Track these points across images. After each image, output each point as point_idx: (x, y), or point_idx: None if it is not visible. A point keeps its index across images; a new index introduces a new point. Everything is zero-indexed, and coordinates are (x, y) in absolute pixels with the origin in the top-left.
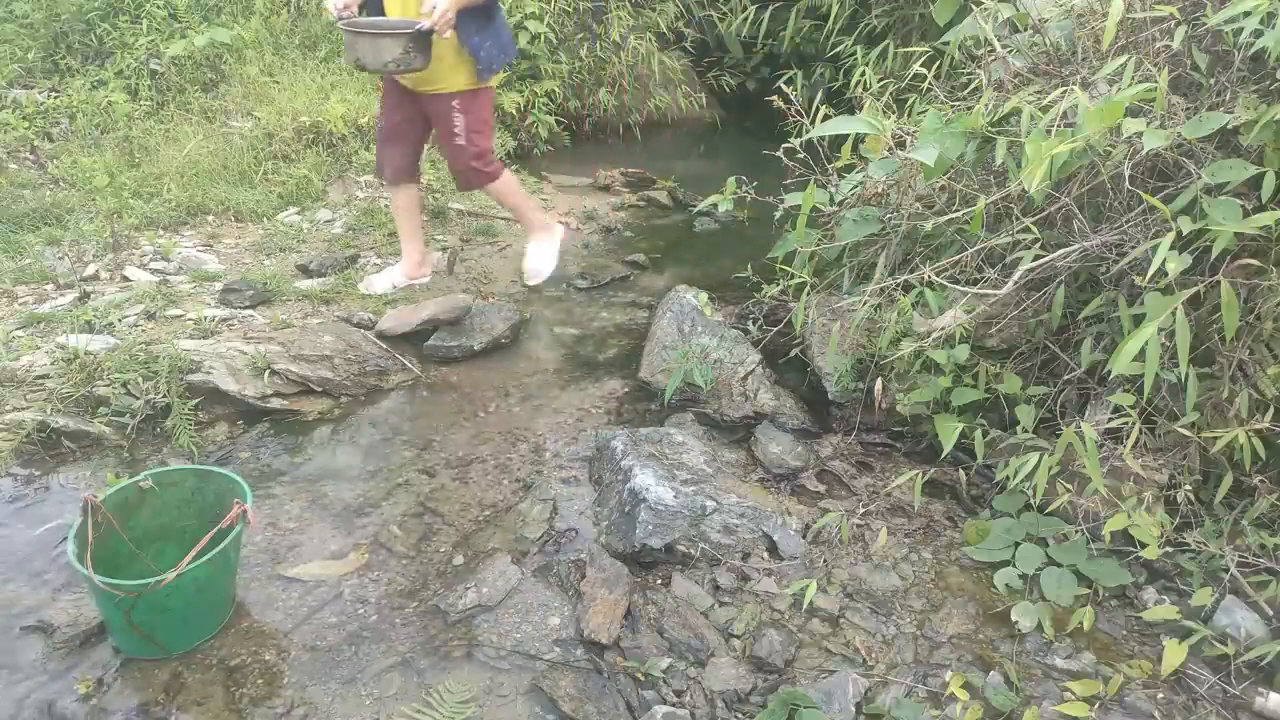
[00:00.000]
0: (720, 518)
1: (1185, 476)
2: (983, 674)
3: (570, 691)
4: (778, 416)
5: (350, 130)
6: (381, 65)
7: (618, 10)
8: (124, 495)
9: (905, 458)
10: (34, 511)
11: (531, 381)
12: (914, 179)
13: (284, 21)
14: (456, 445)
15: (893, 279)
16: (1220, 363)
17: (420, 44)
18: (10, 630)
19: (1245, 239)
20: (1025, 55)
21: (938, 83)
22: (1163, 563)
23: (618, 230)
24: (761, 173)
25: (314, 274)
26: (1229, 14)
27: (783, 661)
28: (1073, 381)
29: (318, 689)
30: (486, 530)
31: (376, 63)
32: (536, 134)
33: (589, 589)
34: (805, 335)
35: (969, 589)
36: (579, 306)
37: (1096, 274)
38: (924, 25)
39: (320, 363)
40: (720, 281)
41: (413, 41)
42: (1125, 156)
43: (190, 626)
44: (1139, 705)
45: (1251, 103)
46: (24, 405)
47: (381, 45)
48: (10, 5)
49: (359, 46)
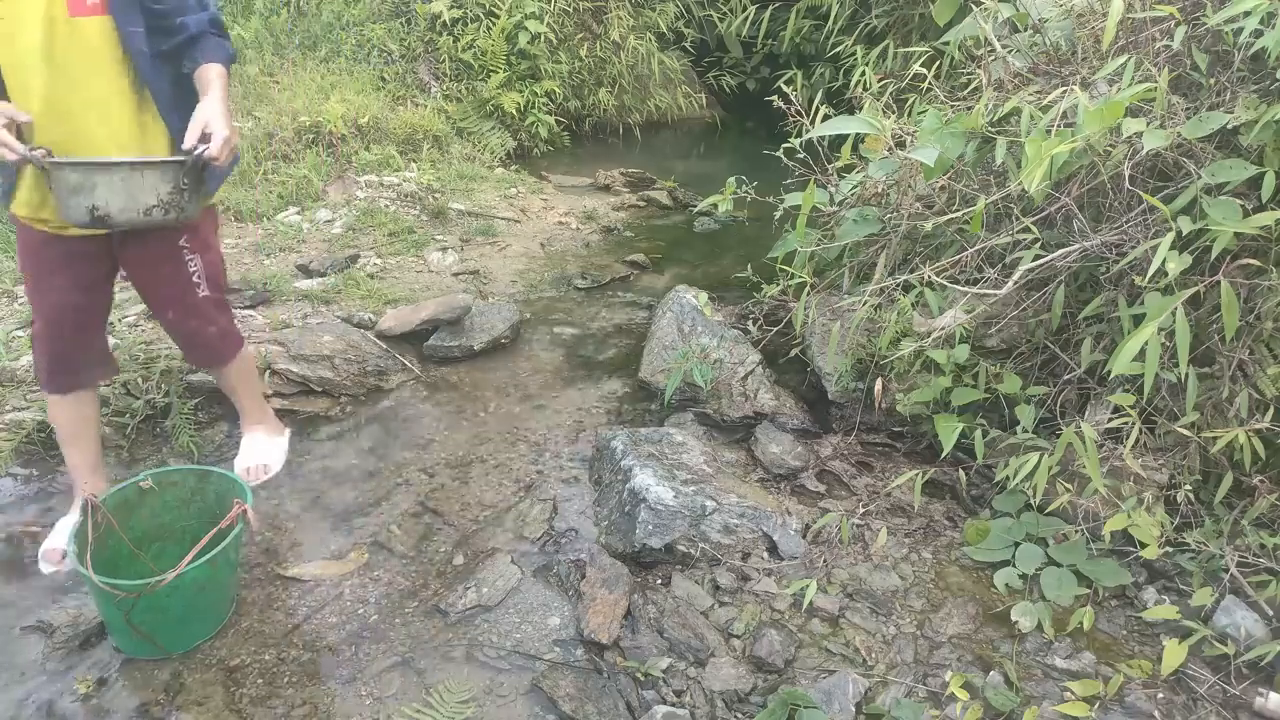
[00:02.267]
0: (720, 518)
1: (1185, 476)
2: (983, 674)
3: (570, 691)
4: (778, 416)
5: (350, 130)
6: (139, 213)
7: (618, 10)
8: (124, 495)
9: (905, 458)
10: (33, 511)
11: (531, 381)
12: (914, 179)
13: (284, 21)
14: (456, 445)
15: (893, 279)
16: (1220, 363)
17: (196, 181)
18: (10, 630)
19: (1245, 239)
20: (1025, 55)
21: (938, 83)
22: (1163, 563)
23: (618, 230)
24: (761, 173)
25: (314, 274)
26: (1229, 14)
27: (783, 661)
28: (1073, 381)
29: (318, 689)
30: (486, 530)
31: (130, 210)
32: (536, 134)
33: (589, 589)
34: (805, 335)
35: (969, 589)
36: (579, 306)
37: (1096, 274)
38: (924, 25)
39: (320, 363)
40: (720, 281)
41: (188, 177)
42: (1125, 156)
43: (190, 627)
44: (1139, 705)
45: (1251, 103)
46: (24, 405)
47: (143, 183)
48: None
49: (98, 189)
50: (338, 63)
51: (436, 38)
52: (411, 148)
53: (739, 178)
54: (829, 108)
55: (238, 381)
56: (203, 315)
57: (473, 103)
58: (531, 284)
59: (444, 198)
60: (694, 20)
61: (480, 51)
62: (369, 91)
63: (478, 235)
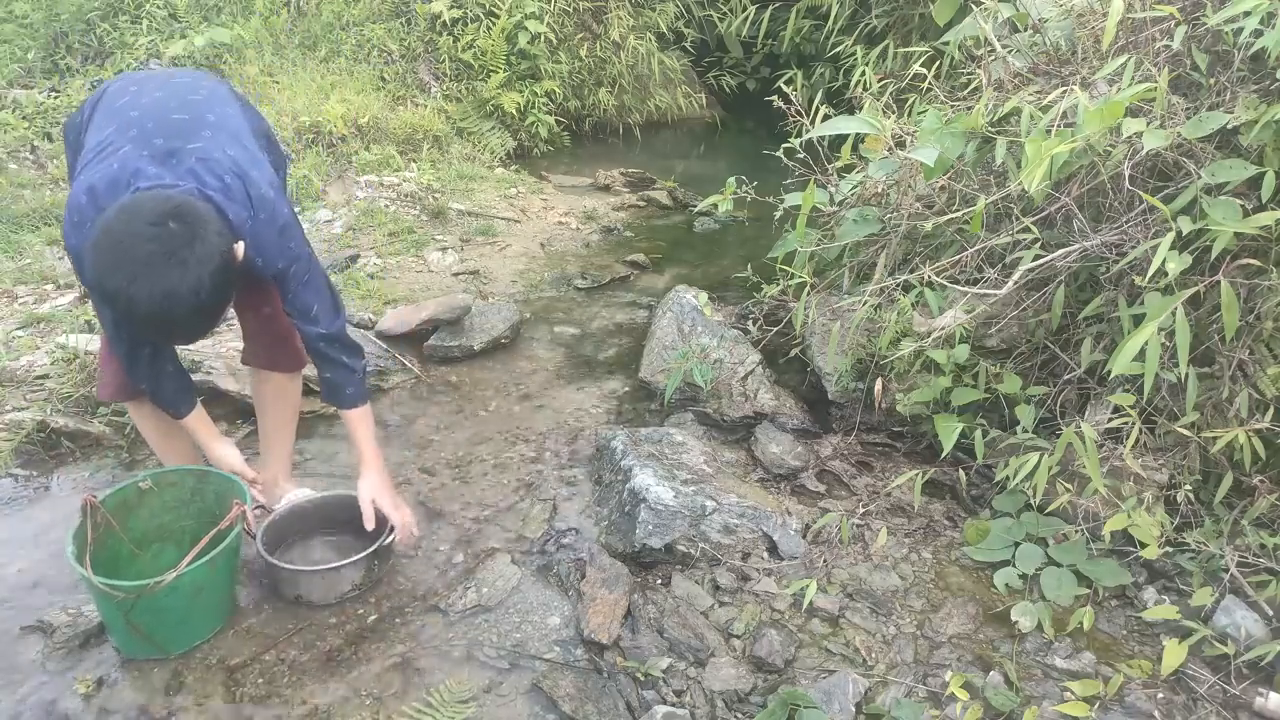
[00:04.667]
0: (720, 518)
1: (1185, 476)
2: (983, 674)
3: (570, 691)
4: (778, 416)
5: (350, 130)
6: (335, 598)
7: (618, 10)
8: (123, 496)
9: (905, 458)
10: (34, 511)
11: (531, 381)
12: (914, 179)
13: (284, 21)
14: (456, 445)
15: (892, 279)
16: (1220, 363)
17: (384, 560)
18: (10, 630)
19: (1245, 239)
20: (1025, 55)
21: (938, 83)
22: (1163, 563)
23: (618, 230)
24: (761, 173)
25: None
26: (1229, 14)
27: (783, 661)
28: (1073, 381)
29: (318, 689)
30: (486, 530)
31: (329, 597)
32: (536, 134)
33: (589, 589)
34: (805, 335)
35: (969, 589)
36: (579, 306)
37: (1096, 274)
38: (924, 25)
39: None
40: (720, 281)
41: (379, 559)
42: (1125, 156)
43: (189, 627)
44: (1139, 705)
45: (1251, 103)
46: (24, 405)
47: (340, 578)
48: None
49: (301, 584)
50: (338, 63)
51: (436, 38)
52: (411, 148)
53: (739, 178)
54: (829, 108)
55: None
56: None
57: (473, 103)
58: (531, 284)
59: (444, 198)
60: (694, 20)
61: (480, 51)
62: (369, 91)
63: (478, 235)
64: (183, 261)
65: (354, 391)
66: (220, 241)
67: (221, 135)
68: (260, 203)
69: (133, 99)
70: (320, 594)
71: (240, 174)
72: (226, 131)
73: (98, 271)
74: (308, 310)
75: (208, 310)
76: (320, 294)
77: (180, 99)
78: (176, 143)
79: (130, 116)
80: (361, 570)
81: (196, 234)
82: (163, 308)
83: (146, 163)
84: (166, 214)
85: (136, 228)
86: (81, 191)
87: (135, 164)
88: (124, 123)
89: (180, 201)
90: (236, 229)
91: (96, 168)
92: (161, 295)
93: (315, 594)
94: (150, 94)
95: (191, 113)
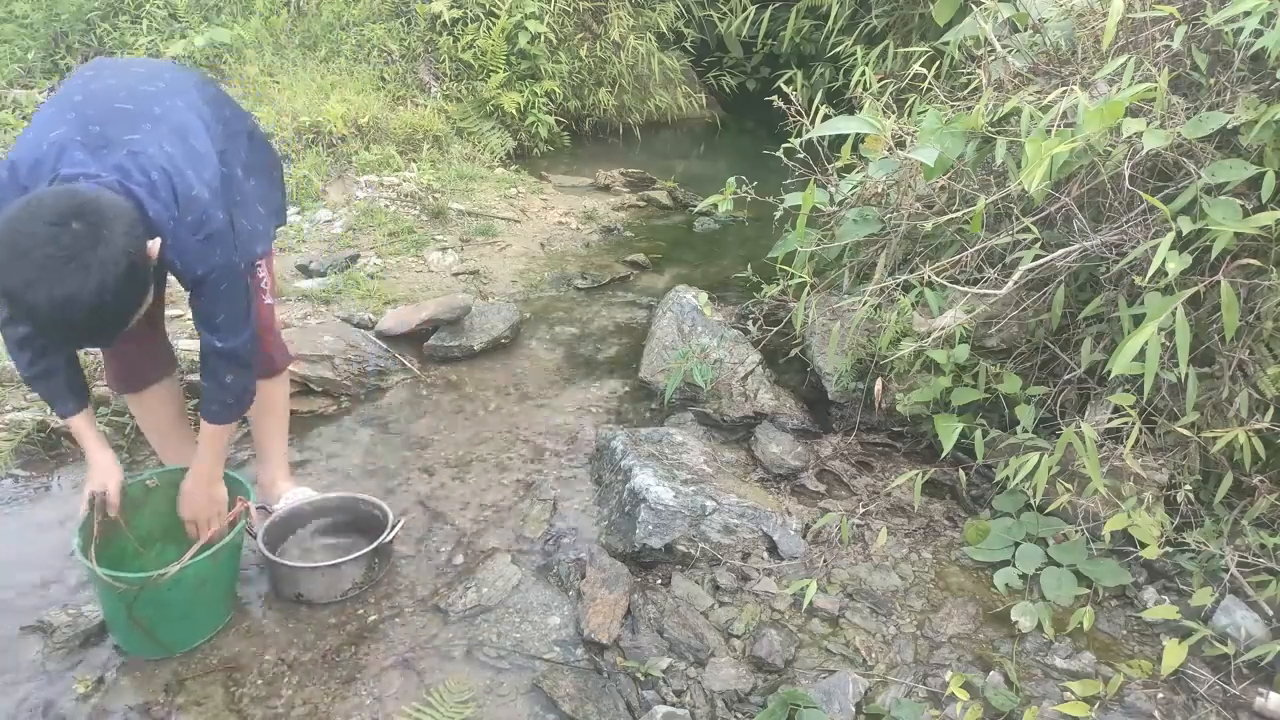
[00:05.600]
0: (720, 518)
1: (1185, 476)
2: (983, 674)
3: (570, 691)
4: (778, 416)
5: (350, 130)
6: (337, 596)
7: (618, 10)
8: (130, 493)
9: (905, 458)
10: (34, 511)
11: (531, 381)
12: (914, 179)
13: (284, 21)
14: (456, 444)
15: (893, 279)
16: (1220, 363)
17: (385, 558)
18: (10, 630)
19: (1245, 239)
20: (1025, 55)
21: (938, 83)
22: (1163, 563)
23: (618, 230)
24: (761, 173)
25: (314, 274)
26: (1229, 14)
27: (783, 661)
28: (1073, 381)
29: (318, 689)
30: (486, 530)
31: (330, 595)
32: (536, 134)
33: (589, 589)
34: (805, 335)
35: (969, 589)
36: (579, 306)
37: (1096, 274)
38: (924, 25)
39: (320, 362)
40: (720, 281)
41: (379, 557)
42: (1125, 156)
43: (192, 623)
44: (1139, 705)
45: (1251, 103)
46: (24, 405)
47: (340, 575)
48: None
49: (301, 582)
50: (338, 63)
51: (436, 38)
52: (411, 148)
53: (739, 178)
54: (829, 108)
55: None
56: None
57: (473, 103)
58: (531, 284)
59: (444, 198)
60: (694, 20)
61: (480, 51)
62: (369, 91)
63: (478, 235)
64: (85, 265)
65: (218, 410)
66: (128, 241)
67: (162, 129)
68: (188, 204)
69: (83, 83)
70: (321, 592)
71: (173, 171)
72: (169, 126)
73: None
74: (211, 319)
75: (112, 314)
76: (232, 306)
77: (130, 89)
78: (113, 132)
79: (73, 101)
80: (362, 568)
81: (100, 236)
82: (63, 313)
83: (76, 148)
84: (69, 213)
85: (35, 228)
86: (3, 167)
87: (64, 147)
88: (65, 105)
89: (86, 199)
90: (156, 227)
91: (24, 145)
92: (62, 300)
93: (316, 592)
94: (103, 80)
95: (138, 104)
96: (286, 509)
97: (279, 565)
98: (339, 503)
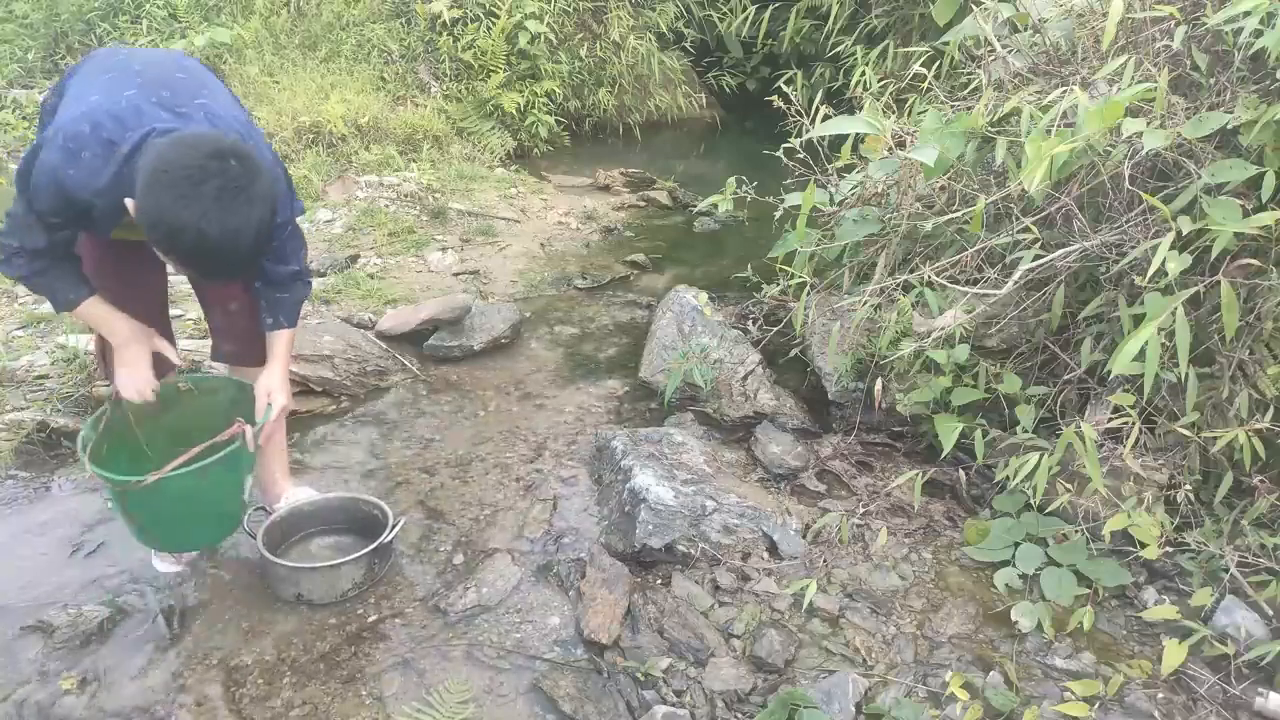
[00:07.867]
0: (720, 518)
1: (1185, 476)
2: (983, 674)
3: (570, 691)
4: (778, 416)
5: (350, 130)
6: (337, 596)
7: (618, 10)
8: (161, 393)
9: (905, 458)
10: (34, 511)
11: (531, 381)
12: (914, 179)
13: (284, 21)
14: (456, 445)
15: (893, 279)
16: (1220, 363)
17: (384, 558)
18: (10, 630)
19: (1245, 239)
20: (1025, 55)
21: (938, 83)
22: (1163, 563)
23: (618, 230)
24: (761, 173)
25: (314, 274)
26: (1229, 14)
27: (783, 661)
28: (1073, 381)
29: (318, 689)
30: (486, 530)
31: (330, 595)
32: (536, 134)
33: (589, 589)
34: (805, 335)
35: (969, 589)
36: (579, 306)
37: (1096, 274)
38: (924, 25)
39: (320, 362)
40: (720, 281)
41: (379, 557)
42: (1125, 156)
43: (183, 531)
44: (1139, 705)
45: (1251, 103)
46: (24, 405)
47: (339, 575)
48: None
49: (302, 582)
50: (338, 63)
51: (436, 38)
52: (411, 148)
53: (739, 178)
54: (829, 108)
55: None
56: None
57: (473, 103)
58: (531, 284)
59: (444, 198)
60: (694, 20)
61: (480, 51)
62: (369, 91)
63: (478, 235)
64: (250, 198)
65: (295, 315)
66: (268, 180)
67: (220, 96)
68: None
69: (128, 57)
70: (321, 592)
71: (245, 132)
72: (224, 93)
73: (158, 206)
74: (295, 253)
75: (265, 243)
76: (301, 241)
77: (176, 63)
78: (181, 97)
79: (132, 68)
80: (362, 568)
81: (257, 171)
82: (233, 243)
83: (156, 109)
84: (226, 152)
85: (204, 162)
86: (81, 119)
87: (140, 107)
88: (124, 73)
89: (232, 140)
90: None
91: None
92: (234, 230)
93: (316, 592)
94: (143, 56)
95: (189, 74)
96: (286, 509)
97: (279, 565)
98: (339, 502)
